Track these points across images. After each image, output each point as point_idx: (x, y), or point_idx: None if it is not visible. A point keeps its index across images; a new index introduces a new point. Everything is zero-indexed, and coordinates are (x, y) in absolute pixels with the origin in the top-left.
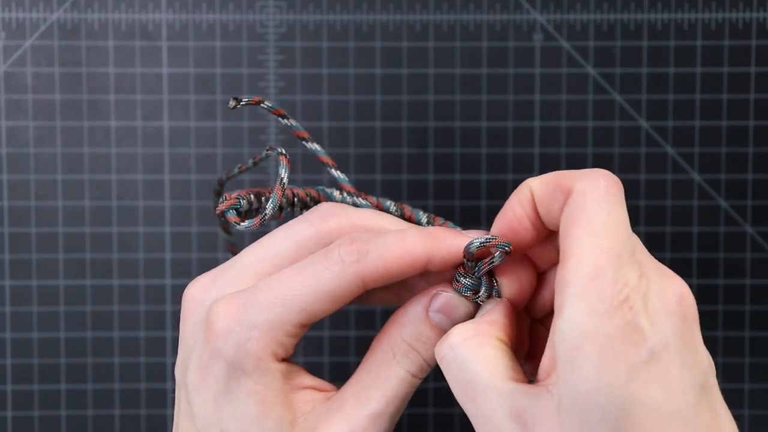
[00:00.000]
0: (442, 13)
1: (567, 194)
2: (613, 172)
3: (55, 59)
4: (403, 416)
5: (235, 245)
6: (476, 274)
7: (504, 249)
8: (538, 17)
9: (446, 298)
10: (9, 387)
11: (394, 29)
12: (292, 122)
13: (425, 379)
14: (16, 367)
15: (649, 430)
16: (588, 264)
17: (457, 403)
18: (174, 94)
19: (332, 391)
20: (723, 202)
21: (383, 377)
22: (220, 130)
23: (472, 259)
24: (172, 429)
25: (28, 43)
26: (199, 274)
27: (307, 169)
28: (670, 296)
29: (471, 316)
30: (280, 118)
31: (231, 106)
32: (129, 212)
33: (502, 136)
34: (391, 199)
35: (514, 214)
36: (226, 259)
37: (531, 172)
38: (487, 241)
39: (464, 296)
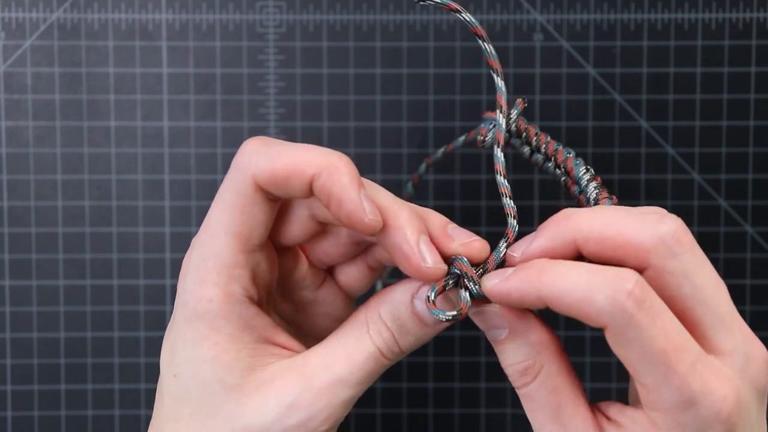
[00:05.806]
0: (442, 13)
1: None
2: (613, 172)
3: (55, 59)
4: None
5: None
6: (476, 284)
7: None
8: (538, 17)
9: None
10: (9, 387)
11: (394, 29)
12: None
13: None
14: (16, 367)
15: None
16: (670, 397)
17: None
18: (174, 94)
19: (300, 353)
20: (723, 202)
21: (353, 346)
22: (220, 130)
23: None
24: None
25: (27, 43)
26: None
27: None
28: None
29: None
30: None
31: None
32: (129, 212)
33: None
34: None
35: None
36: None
37: (531, 173)
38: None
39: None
